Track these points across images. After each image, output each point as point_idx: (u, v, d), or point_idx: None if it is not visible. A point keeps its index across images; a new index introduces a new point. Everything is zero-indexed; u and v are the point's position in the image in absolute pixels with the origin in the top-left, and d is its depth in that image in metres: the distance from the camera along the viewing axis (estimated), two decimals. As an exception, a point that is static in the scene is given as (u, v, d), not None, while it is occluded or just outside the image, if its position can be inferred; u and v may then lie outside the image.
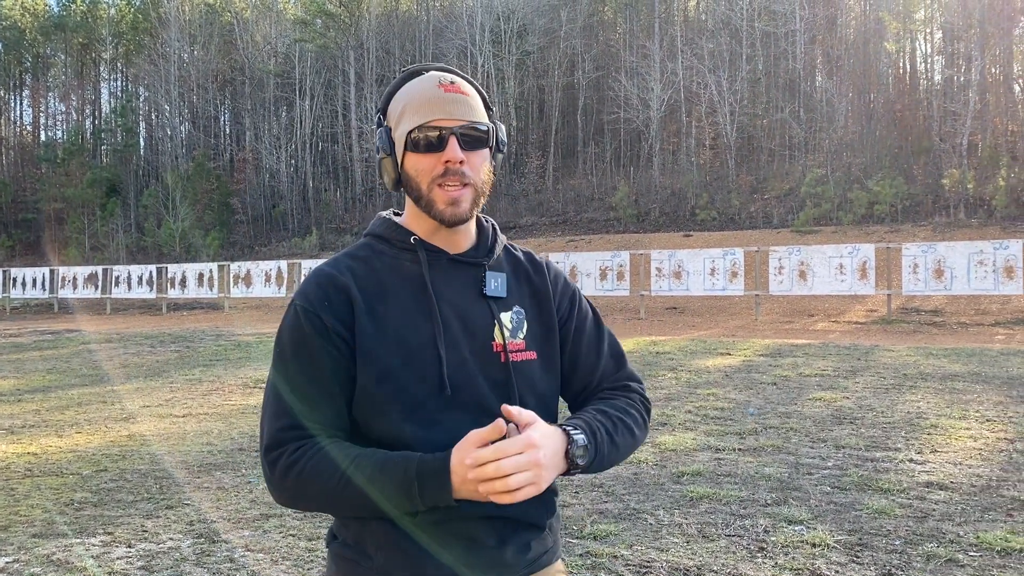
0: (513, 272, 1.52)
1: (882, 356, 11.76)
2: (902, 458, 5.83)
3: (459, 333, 1.39)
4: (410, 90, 1.43)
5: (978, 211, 25.75)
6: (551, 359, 1.49)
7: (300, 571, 4.02)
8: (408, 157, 1.41)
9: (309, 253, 34.56)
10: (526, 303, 1.49)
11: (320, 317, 1.37)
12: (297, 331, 1.38)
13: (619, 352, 1.59)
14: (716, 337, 15.46)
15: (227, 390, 10.08)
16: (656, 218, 31.71)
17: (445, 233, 1.44)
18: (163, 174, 45.38)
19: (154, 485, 5.67)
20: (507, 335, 1.43)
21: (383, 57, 43.99)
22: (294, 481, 1.33)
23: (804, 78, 37.02)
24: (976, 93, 30.72)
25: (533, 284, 1.53)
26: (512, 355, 1.43)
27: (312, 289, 1.40)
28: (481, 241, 1.50)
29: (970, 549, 4.01)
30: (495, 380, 1.40)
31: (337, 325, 1.36)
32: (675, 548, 4.17)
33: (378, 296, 1.39)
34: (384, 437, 1.36)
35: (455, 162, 1.37)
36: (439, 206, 1.39)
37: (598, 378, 1.55)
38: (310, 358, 1.37)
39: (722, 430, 6.95)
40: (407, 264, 1.43)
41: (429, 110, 1.38)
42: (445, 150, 1.37)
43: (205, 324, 22.20)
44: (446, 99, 1.39)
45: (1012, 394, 8.26)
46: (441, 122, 1.38)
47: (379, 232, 1.48)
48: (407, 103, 1.41)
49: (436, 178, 1.38)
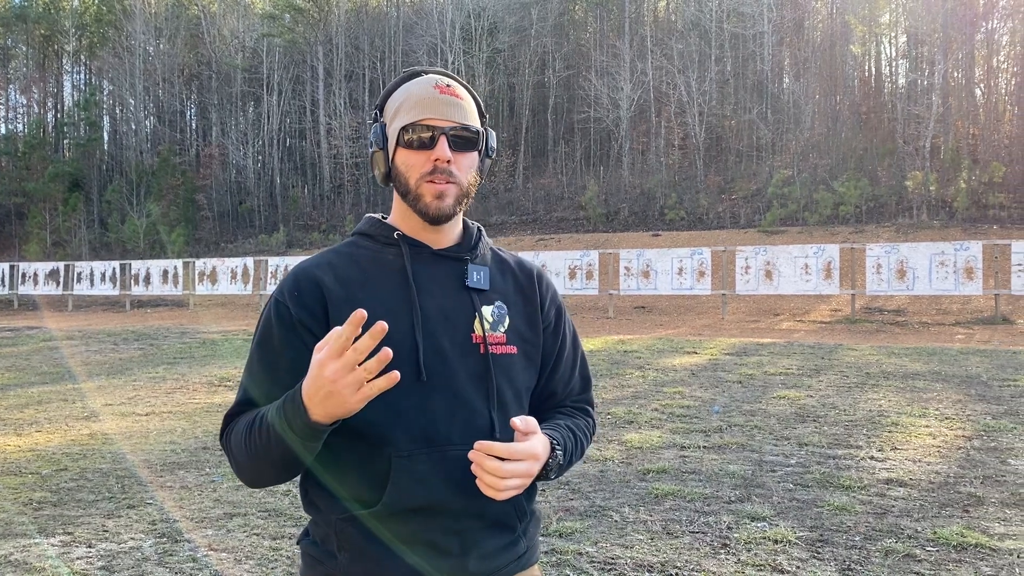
0: (498, 269, 1.54)
1: (845, 355, 11.92)
2: (863, 455, 5.92)
3: (439, 323, 1.41)
4: (407, 90, 1.47)
5: (940, 213, 26.21)
6: (531, 357, 1.52)
7: (264, 570, 3.98)
8: (399, 153, 1.45)
9: (276, 250, 34.26)
10: (510, 299, 1.51)
11: (288, 308, 1.40)
12: (266, 321, 1.43)
13: (588, 376, 1.66)
14: (683, 336, 15.58)
15: (192, 388, 9.96)
16: (625, 217, 31.87)
17: (429, 231, 1.47)
18: (127, 169, 44.74)
19: (115, 484, 5.59)
20: (487, 327, 1.45)
21: (352, 53, 43.72)
22: (232, 446, 1.38)
23: (772, 80, 37.43)
24: (939, 96, 31.26)
25: (519, 283, 1.55)
26: (492, 347, 1.44)
27: (288, 282, 1.44)
28: (465, 239, 1.53)
29: (927, 544, 4.08)
30: (473, 371, 1.41)
31: (305, 317, 1.39)
32: (640, 545, 4.20)
33: (359, 285, 1.42)
34: (357, 423, 1.35)
35: (443, 161, 1.41)
36: (426, 199, 1.42)
37: (565, 393, 1.60)
38: (271, 348, 1.40)
39: (688, 428, 7.01)
40: (390, 258, 1.46)
41: (422, 109, 1.42)
42: (435, 149, 1.41)
43: (170, 322, 21.93)
44: (440, 100, 1.43)
45: (970, 392, 8.42)
46: (433, 122, 1.42)
47: (364, 230, 1.52)
48: (403, 101, 1.45)
49: (425, 175, 1.42)
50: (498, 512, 1.42)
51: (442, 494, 1.37)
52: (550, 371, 1.56)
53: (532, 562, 1.51)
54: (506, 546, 1.45)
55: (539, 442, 1.35)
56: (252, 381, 1.41)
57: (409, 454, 1.36)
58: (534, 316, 1.53)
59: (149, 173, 43.20)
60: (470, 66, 40.58)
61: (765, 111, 35.67)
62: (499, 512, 1.42)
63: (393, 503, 1.34)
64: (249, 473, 1.38)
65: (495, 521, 1.43)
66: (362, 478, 1.36)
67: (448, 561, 1.37)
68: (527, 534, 1.49)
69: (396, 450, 1.36)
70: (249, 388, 1.41)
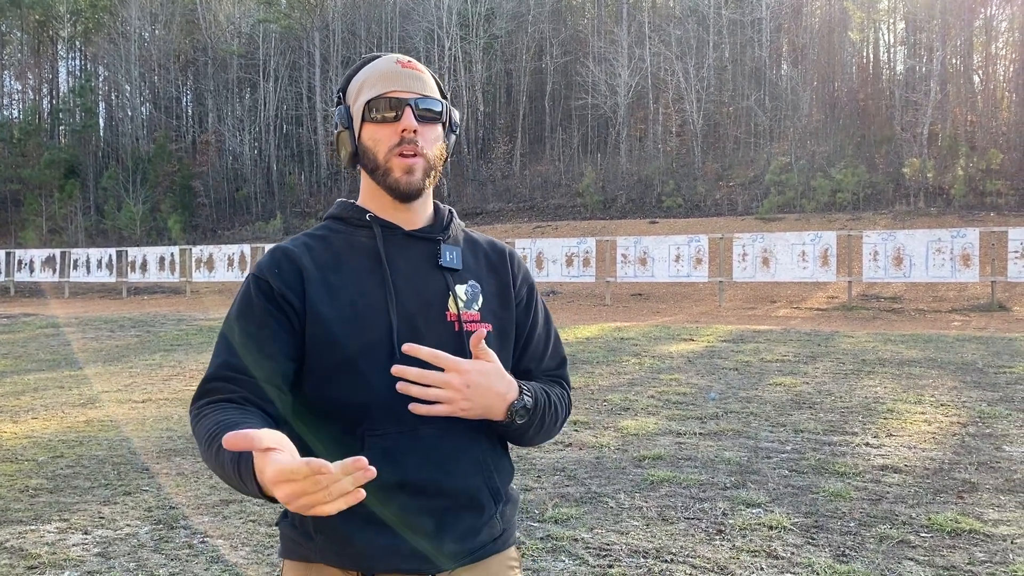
0: (470, 250, 1.55)
1: (842, 342, 11.94)
2: (858, 442, 5.93)
3: (412, 303, 1.42)
4: (368, 69, 1.48)
5: (937, 200, 26.21)
6: (506, 334, 1.52)
7: (260, 556, 3.99)
8: (365, 128, 1.45)
9: (273, 237, 34.20)
10: (483, 278, 1.52)
11: (268, 282, 1.40)
12: (245, 296, 1.42)
13: (562, 354, 1.66)
14: (680, 323, 15.60)
15: (188, 375, 9.96)
16: (623, 204, 31.83)
17: (401, 211, 1.47)
18: (123, 155, 44.56)
19: (112, 471, 5.59)
20: (461, 305, 1.46)
21: (349, 39, 43.52)
22: (196, 431, 1.31)
23: (770, 66, 37.32)
24: (937, 83, 31.19)
25: (492, 263, 1.56)
26: (467, 325, 1.45)
27: (265, 261, 1.45)
28: (437, 220, 1.53)
29: (922, 530, 4.10)
30: (448, 348, 1.40)
31: (286, 291, 1.39)
32: (635, 531, 4.21)
33: (332, 267, 1.42)
34: (331, 402, 1.37)
35: (410, 130, 1.42)
36: (395, 174, 1.43)
37: (539, 370, 1.60)
38: (254, 319, 1.39)
39: (683, 415, 7.02)
40: (362, 239, 1.46)
41: (386, 83, 1.44)
42: (401, 119, 1.42)
43: (167, 308, 21.91)
44: (403, 74, 1.45)
45: (966, 379, 8.44)
46: (397, 94, 1.43)
47: (336, 214, 1.52)
48: (366, 79, 1.47)
49: (393, 147, 1.42)
50: (472, 491, 1.43)
51: (416, 472, 1.37)
52: (523, 348, 1.57)
53: (509, 544, 1.52)
54: (481, 527, 1.45)
55: (472, 364, 1.35)
56: (231, 350, 1.37)
57: (383, 432, 1.36)
58: (506, 294, 1.54)
59: (145, 160, 43.03)
60: (467, 52, 40.42)
61: (763, 98, 35.58)
62: (473, 491, 1.43)
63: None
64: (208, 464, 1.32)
65: (469, 500, 1.43)
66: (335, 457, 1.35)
67: (423, 541, 1.38)
68: (503, 516, 1.49)
69: (369, 429, 1.36)
70: (229, 357, 1.36)
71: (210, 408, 1.32)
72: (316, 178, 42.21)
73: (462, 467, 1.42)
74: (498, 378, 1.38)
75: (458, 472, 1.41)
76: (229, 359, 1.37)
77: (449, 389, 1.33)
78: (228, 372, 1.35)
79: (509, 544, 1.52)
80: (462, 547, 1.42)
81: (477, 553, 1.44)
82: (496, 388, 1.38)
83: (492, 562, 1.47)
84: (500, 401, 1.38)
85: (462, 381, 1.34)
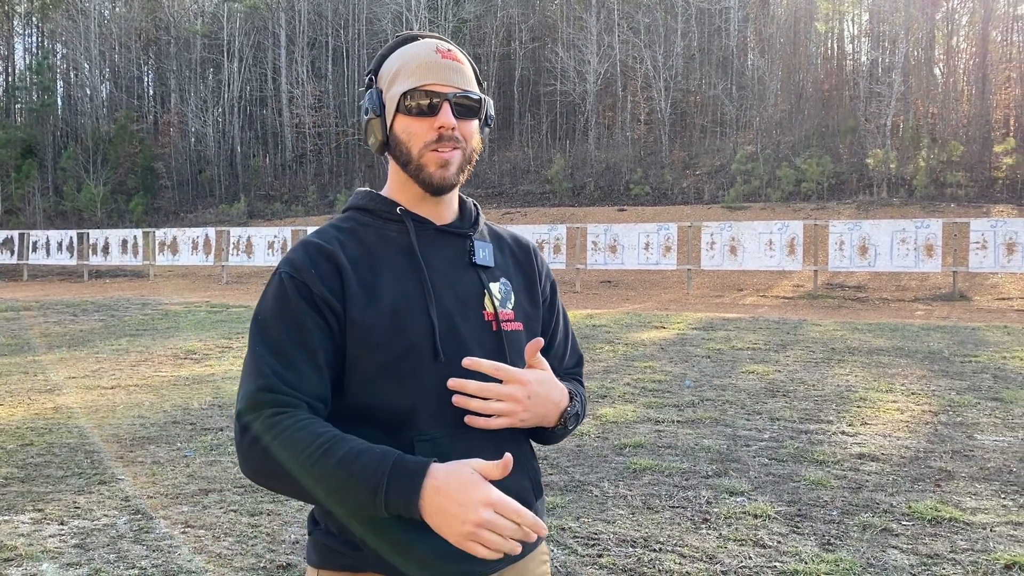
0: (497, 245, 1.52)
1: (810, 330, 12.09)
2: (834, 430, 6.01)
3: (450, 302, 1.37)
4: (405, 53, 1.41)
5: (899, 190, 26.61)
6: (534, 333, 1.50)
7: (244, 547, 3.93)
8: (399, 120, 1.39)
9: (237, 220, 33.73)
10: (511, 275, 1.49)
11: (307, 284, 1.32)
12: (282, 296, 1.33)
13: (579, 353, 1.66)
14: (650, 310, 15.68)
15: (157, 361, 9.79)
16: (591, 192, 31.88)
17: (430, 204, 1.43)
18: (83, 135, 43.58)
19: (84, 460, 5.48)
20: (497, 304, 1.42)
21: (315, 20, 42.92)
22: (261, 452, 1.25)
23: (737, 56, 37.54)
24: (900, 75, 31.62)
25: (519, 260, 1.53)
26: (504, 324, 1.42)
27: (299, 257, 1.35)
28: (464, 214, 1.49)
29: (903, 519, 4.16)
30: (488, 349, 1.38)
31: (325, 293, 1.32)
32: (621, 520, 4.23)
33: (368, 265, 1.36)
34: (376, 407, 1.32)
35: (448, 128, 1.36)
36: (430, 168, 1.37)
37: (560, 369, 1.58)
38: (294, 322, 1.31)
39: (660, 402, 7.06)
40: (393, 234, 1.40)
41: (424, 74, 1.37)
42: (438, 115, 1.36)
43: (130, 292, 21.52)
44: (442, 65, 1.38)
45: (934, 368, 8.60)
46: (436, 87, 1.37)
47: (362, 205, 1.45)
48: (402, 65, 1.39)
49: (429, 144, 1.37)
50: (519, 490, 1.40)
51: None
52: (546, 346, 1.54)
53: (542, 539, 1.50)
54: None
55: (532, 374, 1.35)
56: (277, 359, 1.29)
57: (431, 437, 1.33)
58: (534, 291, 1.52)
59: (106, 140, 42.11)
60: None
61: (730, 87, 35.80)
62: (520, 490, 1.41)
63: None
64: (271, 484, 1.28)
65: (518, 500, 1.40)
66: None
67: None
68: (538, 511, 1.49)
69: (418, 434, 1.32)
70: (273, 367, 1.29)
71: (294, 418, 1.26)
72: (281, 161, 41.66)
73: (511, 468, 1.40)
74: (552, 386, 1.38)
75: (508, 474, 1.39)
76: (280, 371, 1.29)
77: (511, 401, 1.31)
78: (282, 386, 1.28)
79: (542, 540, 1.50)
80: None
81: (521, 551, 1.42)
82: (552, 397, 1.37)
83: (530, 559, 1.46)
84: (555, 409, 1.38)
85: (524, 392, 1.32)
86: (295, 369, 1.29)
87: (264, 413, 1.26)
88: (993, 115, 31.38)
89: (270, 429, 1.25)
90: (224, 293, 21.07)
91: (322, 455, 1.21)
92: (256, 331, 1.34)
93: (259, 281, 25.03)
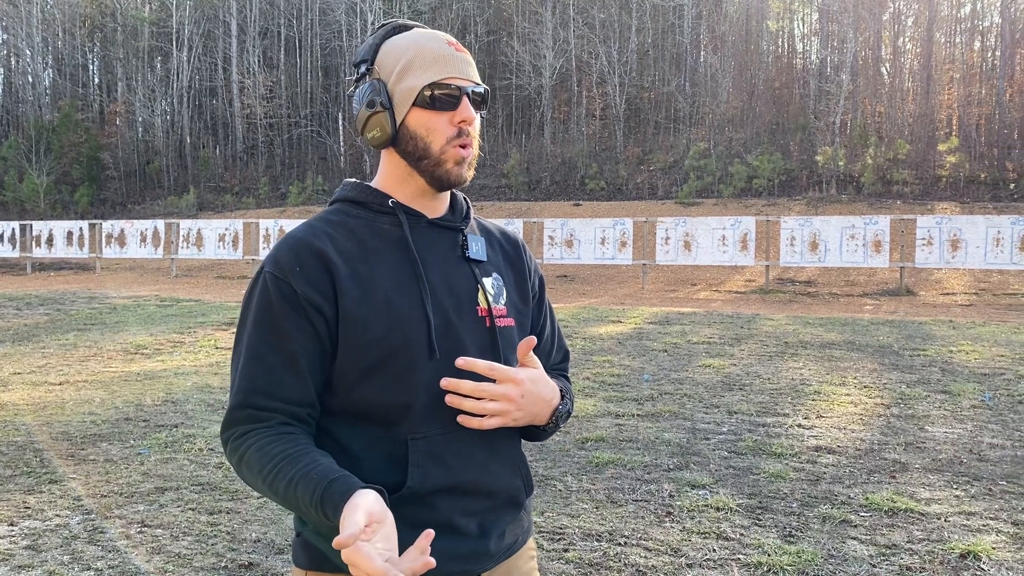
0: (487, 240, 1.49)
1: (763, 325, 12.28)
2: (791, 423, 6.10)
3: (445, 296, 1.35)
4: (413, 43, 1.36)
5: (848, 187, 27.16)
6: (525, 329, 1.48)
7: (203, 546, 3.86)
8: (416, 113, 1.34)
9: (187, 212, 33.11)
10: (502, 270, 1.47)
11: (291, 285, 1.28)
12: (264, 299, 1.30)
13: (565, 348, 1.66)
14: (606, 305, 15.78)
15: (106, 356, 9.56)
16: (547, 186, 31.95)
17: (428, 199, 1.40)
18: (25, 124, 42.34)
19: (33, 458, 5.32)
20: (491, 299, 1.40)
21: (267, 9, 42.26)
22: (236, 467, 1.30)
23: (690, 52, 37.91)
24: (848, 74, 32.25)
25: (508, 255, 1.51)
26: (497, 320, 1.40)
27: (284, 255, 1.30)
28: (456, 208, 1.47)
29: (861, 510, 4.24)
30: (481, 344, 1.37)
31: (312, 294, 1.28)
32: (585, 514, 4.24)
33: (360, 258, 1.32)
34: (369, 404, 1.30)
35: (469, 122, 1.34)
36: (448, 165, 1.35)
37: (548, 364, 1.57)
38: (274, 326, 1.28)
39: (620, 396, 7.10)
40: (386, 227, 1.37)
41: (443, 67, 1.34)
42: (458, 109, 1.34)
43: (76, 286, 20.98)
44: (458, 58, 1.36)
45: (884, 362, 8.79)
46: (456, 80, 1.34)
47: (353, 197, 1.40)
48: (413, 57, 1.34)
49: (452, 139, 1.34)
50: (511, 489, 1.41)
51: (463, 474, 1.33)
52: (537, 335, 1.54)
53: (531, 535, 1.52)
54: (515, 521, 1.44)
55: (525, 372, 1.33)
56: (257, 367, 1.28)
57: (425, 435, 1.31)
58: (524, 287, 1.51)
59: (49, 129, 40.97)
60: (390, 28, 39.71)
61: (683, 83, 36.15)
62: (512, 489, 1.41)
63: (417, 486, 1.28)
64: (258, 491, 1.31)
65: (508, 499, 1.41)
66: (377, 464, 1.30)
67: (468, 543, 1.34)
68: (527, 509, 1.49)
69: (412, 431, 1.30)
70: (252, 378, 1.28)
71: (255, 438, 1.27)
72: (232, 152, 40.97)
73: (503, 466, 1.40)
74: (544, 384, 1.36)
75: (500, 471, 1.39)
76: (256, 381, 1.28)
77: (505, 401, 1.30)
78: (258, 398, 1.28)
79: (531, 535, 1.51)
80: (502, 544, 1.40)
81: (511, 548, 1.43)
82: (544, 395, 1.36)
83: (519, 556, 1.46)
84: (547, 408, 1.37)
85: (518, 392, 1.31)
86: (273, 376, 1.28)
87: (236, 432, 1.29)
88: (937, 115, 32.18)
89: (236, 451, 1.28)
90: (174, 287, 20.67)
91: (274, 478, 1.23)
92: (239, 335, 1.33)
93: (209, 274, 24.60)
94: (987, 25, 36.68)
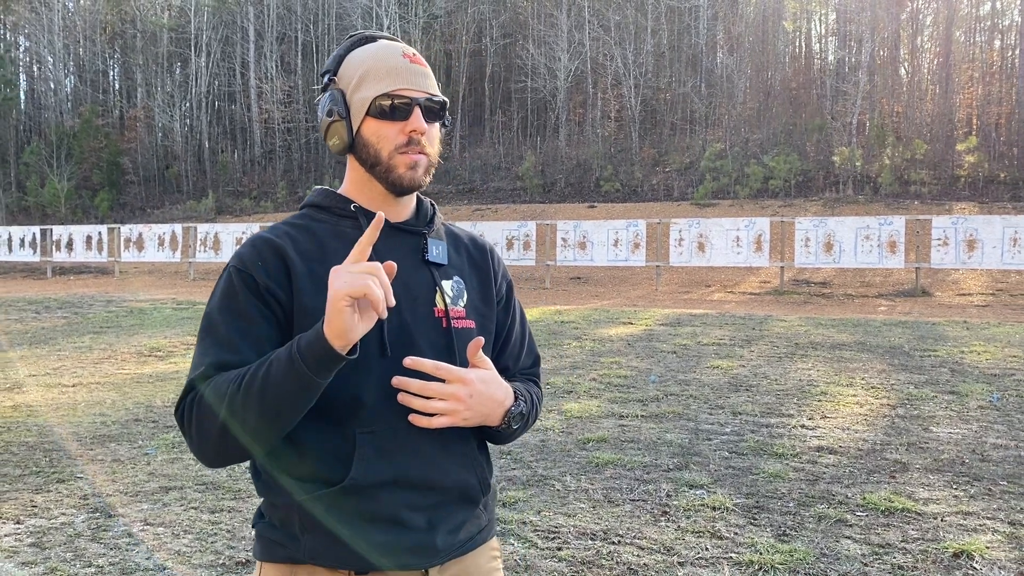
0: (453, 245, 1.54)
1: (775, 326, 12.24)
2: (795, 424, 6.10)
3: (400, 298, 1.38)
4: (370, 56, 1.42)
5: (865, 188, 26.98)
6: (487, 332, 1.52)
7: (203, 544, 3.92)
8: (368, 123, 1.40)
9: (205, 217, 33.39)
10: (466, 274, 1.51)
11: (253, 276, 1.35)
12: (228, 289, 1.37)
13: (536, 352, 1.68)
14: (618, 307, 15.77)
15: (120, 358, 9.69)
16: (562, 188, 31.96)
17: (390, 203, 1.45)
18: (46, 130, 42.90)
19: (43, 458, 5.41)
20: (448, 301, 1.44)
21: (284, 15, 42.57)
22: (196, 418, 1.29)
23: (706, 54, 37.82)
24: (866, 74, 32.03)
25: (474, 259, 1.55)
26: (454, 321, 1.44)
27: (247, 251, 1.39)
28: (420, 213, 1.51)
29: (857, 510, 4.24)
30: (436, 345, 1.40)
31: (271, 284, 1.35)
32: (582, 513, 4.26)
33: (319, 259, 1.38)
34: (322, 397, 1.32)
35: (419, 132, 1.39)
36: (399, 171, 1.40)
37: (516, 368, 1.61)
38: (239, 312, 1.34)
39: (625, 397, 7.11)
40: (347, 230, 1.42)
41: (395, 79, 1.39)
42: (409, 119, 1.39)
43: (95, 289, 21.23)
44: (412, 70, 1.41)
45: (894, 362, 8.74)
46: (407, 92, 1.40)
47: (317, 202, 1.48)
48: (369, 68, 1.41)
49: (399, 147, 1.39)
50: (464, 486, 1.43)
51: (409, 469, 1.36)
52: (502, 345, 1.58)
53: (491, 535, 1.53)
54: (470, 520, 1.46)
55: (475, 373, 1.36)
56: (217, 345, 1.33)
57: (373, 430, 1.35)
58: (488, 291, 1.54)
59: (70, 135, 41.47)
60: (406, 31, 39.92)
61: (699, 84, 36.07)
62: (465, 486, 1.43)
63: (360, 478, 1.32)
64: (216, 444, 1.29)
65: (460, 495, 1.43)
66: (325, 456, 1.34)
67: (415, 537, 1.37)
68: (487, 507, 1.51)
69: (360, 426, 1.34)
70: (217, 355, 1.32)
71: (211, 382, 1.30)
72: (250, 156, 41.29)
73: (454, 462, 1.42)
74: (496, 386, 1.40)
75: (451, 467, 1.41)
76: (218, 357, 1.32)
77: (453, 401, 1.33)
78: (220, 368, 1.32)
79: (491, 535, 1.53)
80: (453, 540, 1.42)
81: (466, 545, 1.45)
82: (496, 396, 1.39)
83: (478, 554, 1.48)
84: (499, 408, 1.40)
85: (466, 392, 1.34)
86: (239, 355, 1.32)
87: (191, 397, 1.32)
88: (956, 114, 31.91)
89: (192, 405, 1.30)
90: (191, 290, 20.87)
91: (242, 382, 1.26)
92: (204, 325, 1.38)
93: (227, 278, 24.77)
94: (1007, 24, 36.36)
